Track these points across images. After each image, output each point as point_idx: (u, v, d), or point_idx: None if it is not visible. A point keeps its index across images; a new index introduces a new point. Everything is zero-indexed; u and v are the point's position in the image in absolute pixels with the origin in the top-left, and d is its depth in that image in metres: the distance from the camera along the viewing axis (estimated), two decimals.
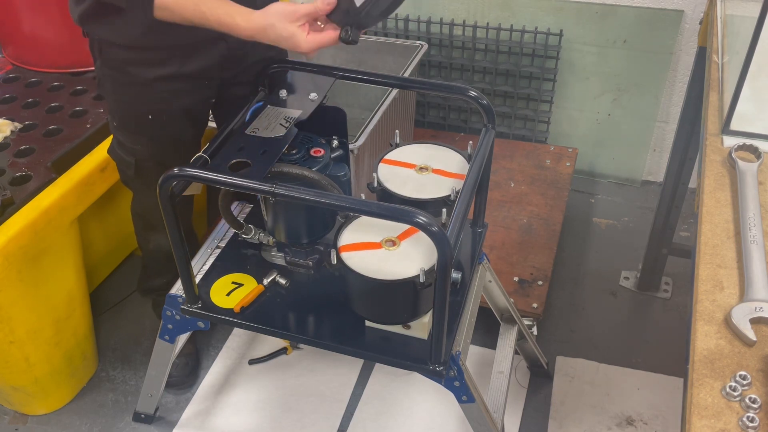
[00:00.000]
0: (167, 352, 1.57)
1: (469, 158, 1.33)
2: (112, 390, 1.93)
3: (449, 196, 1.24)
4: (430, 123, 2.75)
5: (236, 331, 2.07)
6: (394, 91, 2.09)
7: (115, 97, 1.49)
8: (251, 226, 1.45)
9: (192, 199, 1.82)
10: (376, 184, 1.29)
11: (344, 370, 1.94)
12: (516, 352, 1.80)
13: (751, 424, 0.77)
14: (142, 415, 1.81)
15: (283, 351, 1.99)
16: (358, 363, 1.96)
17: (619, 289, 2.20)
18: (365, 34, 2.54)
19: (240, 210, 1.62)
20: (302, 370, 1.95)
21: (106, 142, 1.78)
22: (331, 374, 1.93)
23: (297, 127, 1.30)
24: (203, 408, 1.87)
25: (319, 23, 1.19)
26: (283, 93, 1.37)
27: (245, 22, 1.20)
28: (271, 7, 1.20)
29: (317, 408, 1.85)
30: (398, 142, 1.39)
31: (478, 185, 1.31)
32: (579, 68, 2.46)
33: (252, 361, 1.98)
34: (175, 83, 1.43)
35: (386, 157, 1.36)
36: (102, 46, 1.41)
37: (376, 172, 1.32)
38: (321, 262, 1.42)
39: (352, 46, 1.25)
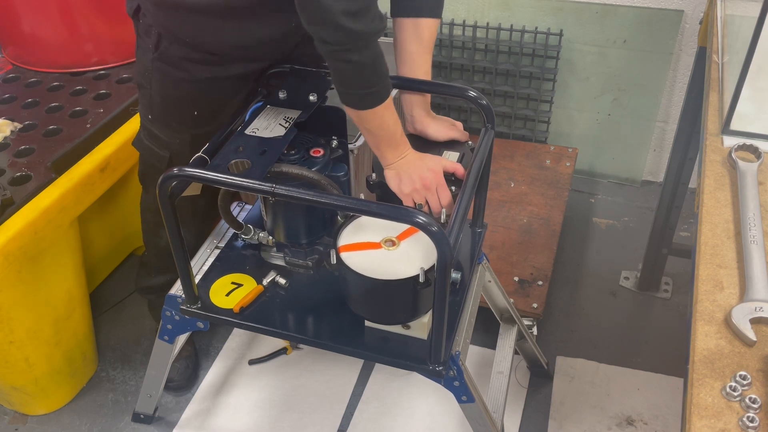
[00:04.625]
0: (167, 353, 1.56)
1: (471, 150, 1.33)
2: (112, 390, 1.93)
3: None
4: None
5: (236, 331, 2.07)
6: (394, 91, 2.09)
7: (162, 92, 1.45)
8: (250, 227, 1.45)
9: (197, 205, 1.81)
10: (375, 178, 1.29)
11: (344, 370, 1.94)
12: (516, 352, 1.80)
13: (751, 424, 0.77)
14: (142, 416, 1.80)
15: (283, 351, 1.99)
16: (358, 363, 1.96)
17: (619, 289, 2.20)
18: None
19: (240, 210, 1.62)
20: (302, 370, 1.95)
21: (107, 142, 1.78)
22: (331, 374, 1.93)
23: (296, 127, 1.30)
24: (203, 408, 1.87)
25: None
26: (283, 93, 1.37)
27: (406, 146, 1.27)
28: None
29: (317, 408, 1.85)
30: None
31: (478, 185, 1.31)
32: (579, 68, 2.46)
33: (252, 362, 1.98)
34: (229, 83, 1.42)
35: None
36: (162, 39, 1.37)
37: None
38: (320, 262, 1.42)
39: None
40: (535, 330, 1.86)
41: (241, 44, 1.36)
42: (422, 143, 1.36)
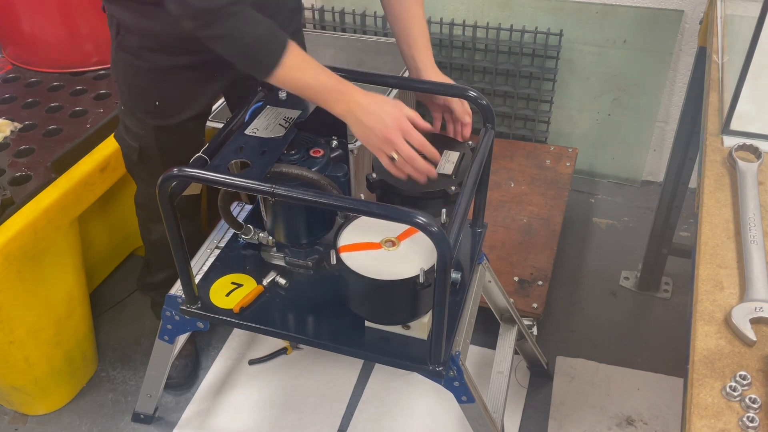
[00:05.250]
0: (166, 353, 1.56)
1: (471, 150, 1.33)
2: (111, 390, 1.93)
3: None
4: (429, 123, 2.74)
5: (236, 331, 2.07)
6: (394, 91, 2.09)
7: (125, 81, 1.48)
8: (250, 227, 1.45)
9: (198, 202, 1.81)
10: (375, 177, 1.29)
11: (344, 370, 1.94)
12: (516, 352, 1.80)
13: (751, 424, 0.77)
14: (142, 416, 1.80)
15: (283, 351, 1.99)
16: (358, 363, 1.96)
17: (619, 289, 2.20)
18: (365, 34, 2.54)
19: (239, 210, 1.62)
20: (302, 370, 1.95)
21: (107, 142, 1.78)
22: (331, 374, 1.93)
23: (296, 127, 1.30)
24: (203, 408, 1.87)
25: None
26: (283, 93, 1.37)
27: (356, 91, 1.19)
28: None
29: (317, 408, 1.85)
30: None
31: (478, 185, 1.31)
32: (579, 68, 2.46)
33: (252, 362, 1.98)
34: (189, 73, 1.43)
35: None
36: (120, 29, 1.40)
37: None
38: (320, 263, 1.42)
39: (353, 46, 1.25)
40: (535, 330, 1.86)
41: (182, 34, 1.37)
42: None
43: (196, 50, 1.37)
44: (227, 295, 1.38)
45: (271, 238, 1.43)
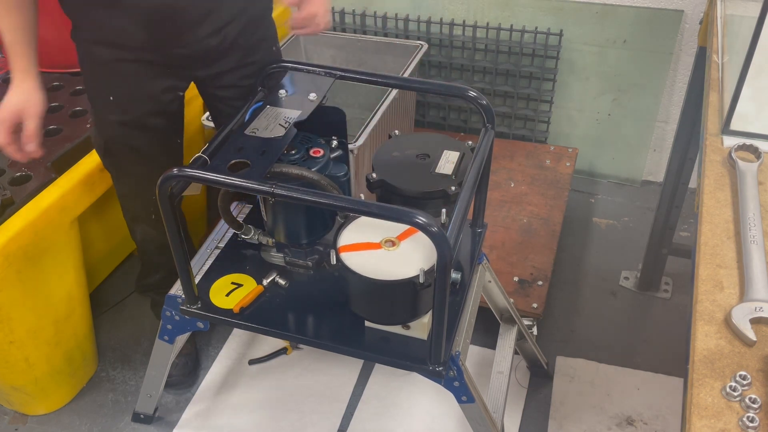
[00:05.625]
0: (166, 353, 1.56)
1: (471, 150, 1.33)
2: (111, 390, 1.93)
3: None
4: (430, 123, 2.74)
5: (236, 331, 2.07)
6: (394, 91, 2.09)
7: (84, 74, 1.51)
8: (250, 227, 1.45)
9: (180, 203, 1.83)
10: (375, 177, 1.29)
11: (344, 370, 1.94)
12: (516, 352, 1.80)
13: (751, 424, 0.77)
14: (142, 416, 1.80)
15: (283, 351, 1.99)
16: (358, 363, 1.96)
17: (619, 289, 2.20)
18: (365, 34, 2.54)
19: (239, 210, 1.62)
20: (302, 370, 1.95)
21: None
22: (331, 374, 1.93)
23: (296, 127, 1.30)
24: (203, 408, 1.87)
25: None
26: (283, 93, 1.37)
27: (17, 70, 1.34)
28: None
29: (317, 408, 1.85)
30: (397, 134, 1.39)
31: (478, 185, 1.31)
32: (579, 68, 2.46)
33: (252, 361, 1.98)
34: (135, 67, 1.44)
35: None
36: (73, 21, 1.44)
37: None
38: (320, 263, 1.42)
39: (353, 46, 1.25)
40: (535, 330, 1.86)
41: (111, 28, 1.38)
42: (423, 142, 1.36)
43: (137, 47, 1.40)
44: (227, 295, 1.38)
45: (271, 238, 1.43)
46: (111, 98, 1.48)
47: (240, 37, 1.47)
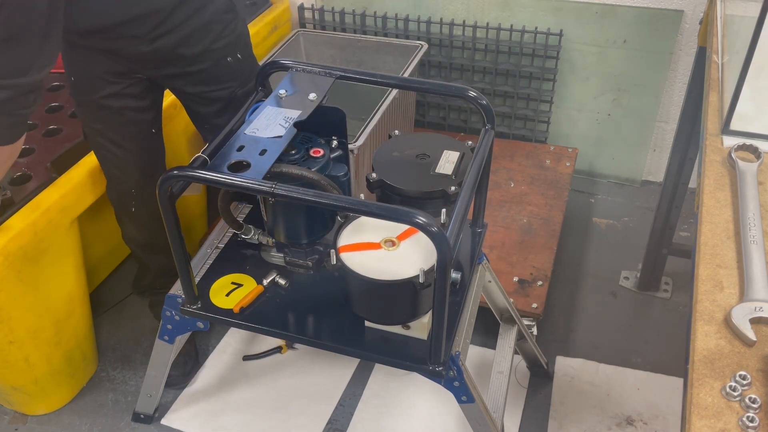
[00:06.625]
0: (166, 353, 1.56)
1: (471, 150, 1.33)
2: (112, 390, 1.93)
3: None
4: (430, 123, 2.75)
5: (232, 329, 2.07)
6: (394, 91, 2.09)
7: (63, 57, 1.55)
8: (250, 227, 1.45)
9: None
10: (375, 177, 1.29)
11: (337, 371, 1.94)
12: (516, 352, 1.80)
13: (751, 424, 0.77)
14: (142, 416, 1.80)
15: (278, 350, 2.00)
16: (351, 365, 1.96)
17: (619, 289, 2.20)
18: (365, 34, 2.54)
19: (239, 210, 1.62)
20: (296, 370, 1.95)
21: None
22: (323, 376, 1.93)
23: (296, 127, 1.30)
24: (192, 402, 1.86)
25: None
26: (283, 93, 1.37)
27: None
28: None
29: (305, 409, 1.85)
30: (397, 134, 1.39)
31: (478, 185, 1.31)
32: (579, 68, 2.46)
33: (246, 357, 1.98)
34: (88, 54, 1.48)
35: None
36: None
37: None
38: (320, 263, 1.42)
39: (353, 46, 1.25)
40: (535, 330, 1.86)
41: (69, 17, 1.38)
42: (423, 142, 1.36)
43: (82, 33, 1.43)
44: (227, 295, 1.38)
45: (271, 238, 1.43)
46: (72, 78, 1.54)
47: (180, 47, 1.50)
